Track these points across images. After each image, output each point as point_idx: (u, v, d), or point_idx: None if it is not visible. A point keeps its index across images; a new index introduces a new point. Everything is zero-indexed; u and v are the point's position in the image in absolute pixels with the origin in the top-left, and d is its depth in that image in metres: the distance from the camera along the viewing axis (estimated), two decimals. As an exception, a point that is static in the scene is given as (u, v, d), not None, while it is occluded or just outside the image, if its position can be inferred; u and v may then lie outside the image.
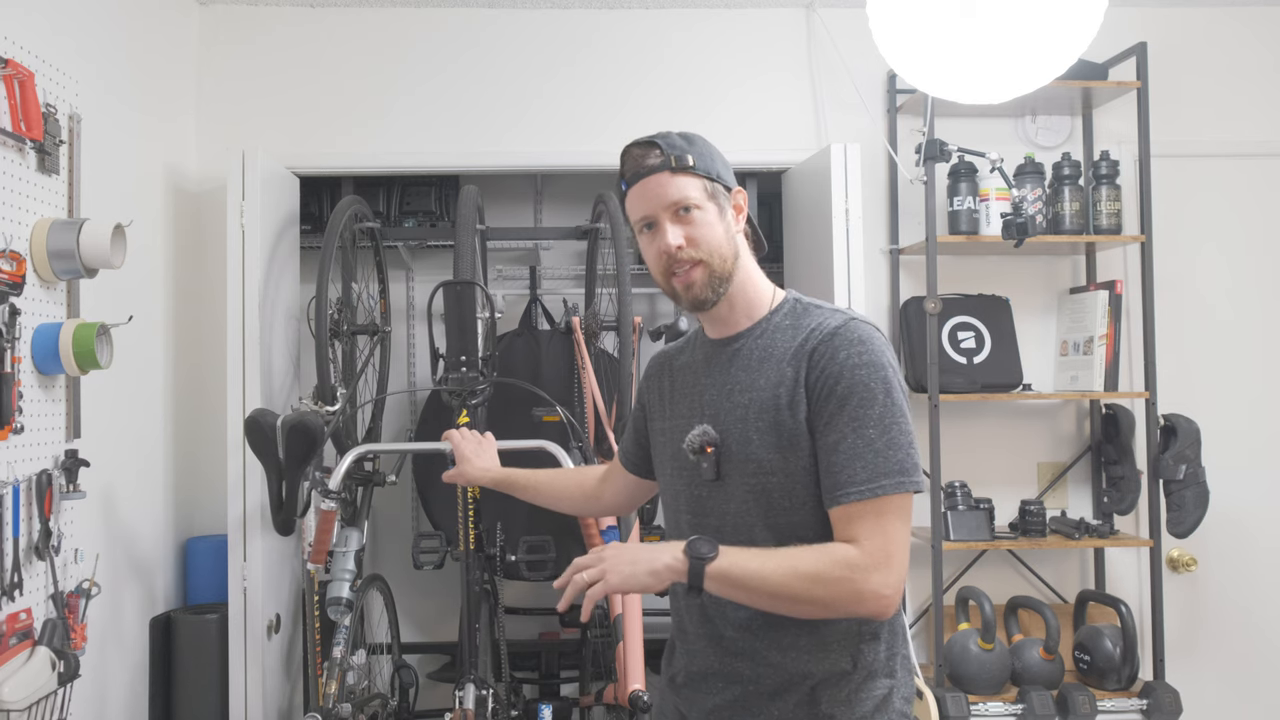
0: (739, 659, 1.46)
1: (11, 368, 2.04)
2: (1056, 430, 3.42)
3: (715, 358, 1.53)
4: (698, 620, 1.52)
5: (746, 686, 1.46)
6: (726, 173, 1.50)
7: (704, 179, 1.46)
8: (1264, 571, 3.40)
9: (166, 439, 2.96)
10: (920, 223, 3.19)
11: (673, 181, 1.44)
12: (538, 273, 3.53)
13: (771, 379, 1.43)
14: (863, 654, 1.42)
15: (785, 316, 1.49)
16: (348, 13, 3.28)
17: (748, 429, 1.43)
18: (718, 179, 1.48)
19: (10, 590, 2.04)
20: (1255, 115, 3.43)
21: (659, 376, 1.66)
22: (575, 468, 1.99)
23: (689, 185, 1.45)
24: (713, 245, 1.45)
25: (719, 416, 1.48)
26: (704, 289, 1.46)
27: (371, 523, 3.23)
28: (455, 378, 2.57)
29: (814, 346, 1.41)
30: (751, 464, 1.43)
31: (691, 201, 1.45)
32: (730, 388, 1.48)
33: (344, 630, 2.59)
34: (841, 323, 1.42)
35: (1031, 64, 2.03)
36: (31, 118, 2.14)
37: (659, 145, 1.46)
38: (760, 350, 1.47)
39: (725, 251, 1.46)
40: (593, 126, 3.32)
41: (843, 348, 1.39)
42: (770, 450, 1.41)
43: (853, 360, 1.38)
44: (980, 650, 2.97)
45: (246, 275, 2.84)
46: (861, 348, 1.39)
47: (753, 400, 1.44)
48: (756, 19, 3.36)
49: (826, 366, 1.38)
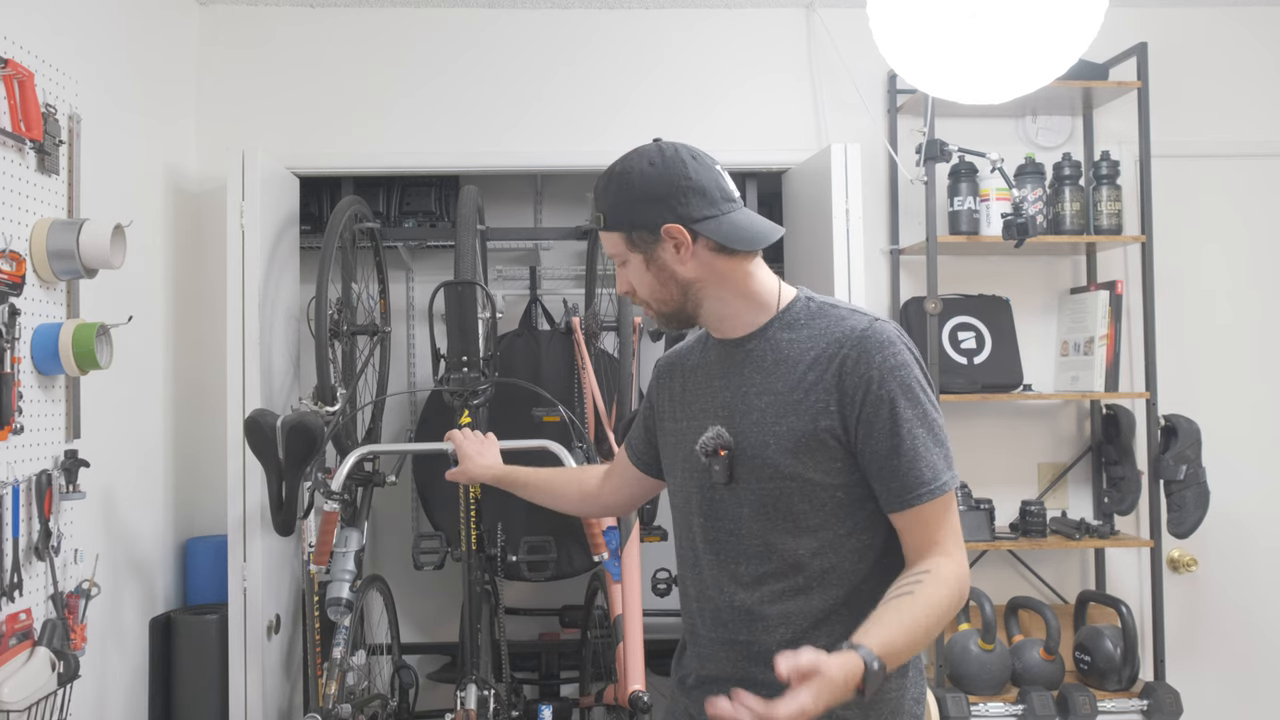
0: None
1: (11, 368, 2.04)
2: (1057, 430, 3.42)
3: (728, 359, 1.51)
4: (710, 624, 1.51)
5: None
6: (651, 212, 1.43)
7: (620, 234, 1.46)
8: (1264, 571, 3.39)
9: (166, 439, 2.96)
10: (920, 223, 3.19)
11: (604, 237, 1.49)
12: (538, 273, 3.53)
13: (789, 382, 1.42)
14: None
15: (798, 315, 1.47)
16: (348, 13, 3.28)
17: (764, 433, 1.42)
18: (636, 227, 1.44)
19: (10, 591, 2.04)
20: (1256, 115, 3.43)
21: (669, 377, 1.64)
22: (578, 467, 1.98)
23: (611, 241, 1.48)
24: (648, 292, 1.49)
25: (733, 419, 1.46)
26: (664, 323, 1.52)
27: (371, 523, 3.23)
28: (457, 378, 2.57)
29: (844, 353, 1.40)
30: (767, 468, 1.42)
31: (617, 257, 1.49)
32: (745, 390, 1.46)
33: (344, 631, 2.59)
34: (866, 325, 1.41)
35: (1032, 64, 2.03)
36: (31, 118, 2.14)
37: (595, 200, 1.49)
38: (774, 352, 1.45)
39: (662, 295, 1.48)
40: (593, 126, 3.31)
41: (875, 351, 1.39)
42: (786, 455, 1.41)
43: (889, 363, 1.38)
44: (981, 651, 2.97)
45: (246, 275, 2.84)
46: (892, 349, 1.39)
47: (769, 404, 1.43)
48: (756, 19, 3.36)
49: (865, 372, 1.38)
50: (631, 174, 1.44)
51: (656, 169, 1.43)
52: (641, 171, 1.44)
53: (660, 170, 1.43)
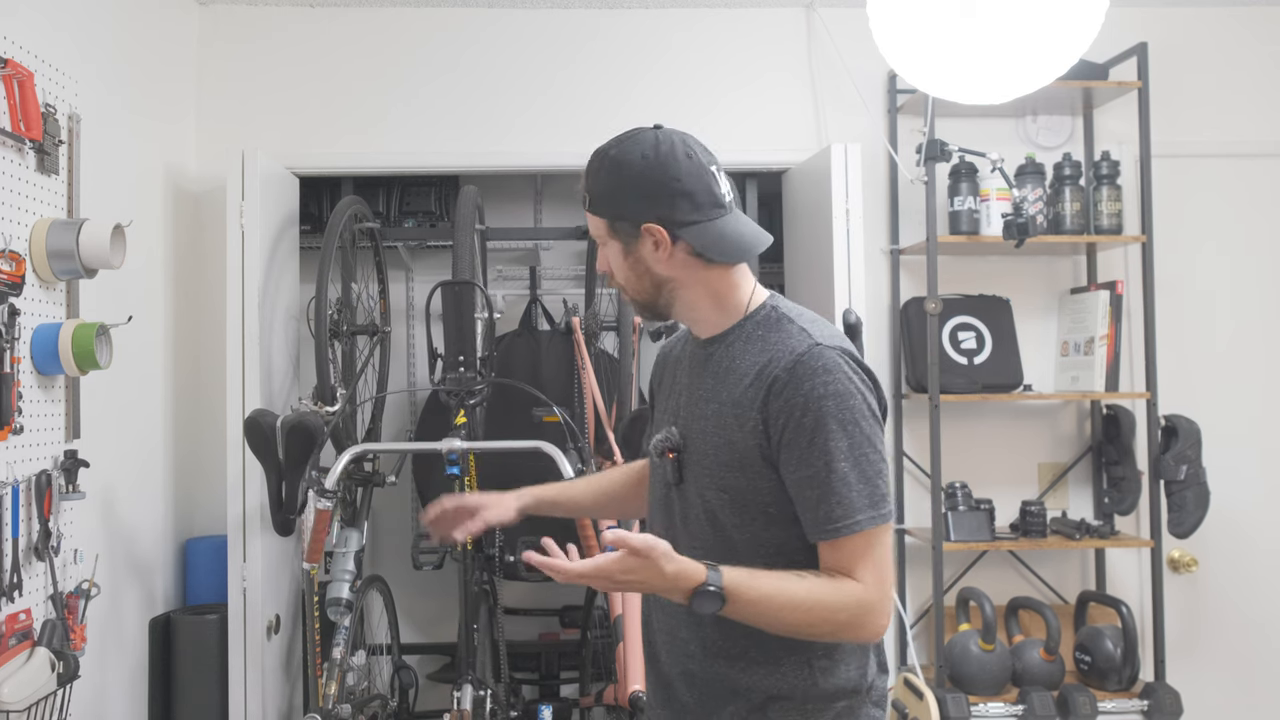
0: (692, 660, 1.45)
1: (11, 368, 2.04)
2: (1057, 431, 3.41)
3: (695, 358, 1.50)
4: (661, 614, 1.52)
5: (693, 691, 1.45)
6: (636, 206, 1.41)
7: (604, 219, 1.45)
8: (1264, 572, 3.39)
9: (166, 439, 2.96)
10: (920, 223, 3.19)
11: (588, 214, 1.48)
12: (538, 273, 3.53)
13: (733, 394, 1.40)
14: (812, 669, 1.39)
15: (758, 326, 1.43)
16: (348, 13, 3.28)
17: (706, 442, 1.42)
18: (620, 217, 1.43)
19: (10, 591, 2.04)
20: (1256, 115, 3.43)
21: (661, 369, 1.65)
22: (600, 473, 1.90)
23: (593, 222, 1.47)
24: (623, 279, 1.48)
25: (686, 422, 1.46)
26: (637, 310, 1.52)
27: (371, 523, 3.23)
28: (453, 378, 2.57)
29: (775, 374, 1.35)
30: (706, 476, 1.42)
31: (598, 238, 1.48)
32: (699, 395, 1.45)
33: (344, 631, 2.59)
34: (805, 349, 1.36)
35: (1032, 64, 2.03)
36: (31, 118, 2.14)
37: (585, 175, 1.48)
38: (728, 360, 1.43)
39: (637, 285, 1.46)
40: (593, 126, 3.29)
41: (806, 378, 1.33)
42: (723, 466, 1.40)
43: (817, 391, 1.32)
44: (981, 651, 2.97)
45: (246, 275, 2.84)
46: (827, 377, 1.33)
47: (714, 413, 1.42)
48: (756, 19, 3.36)
49: (791, 397, 1.33)
50: (623, 163, 1.42)
51: (649, 163, 1.39)
52: (633, 163, 1.40)
53: (652, 165, 1.39)
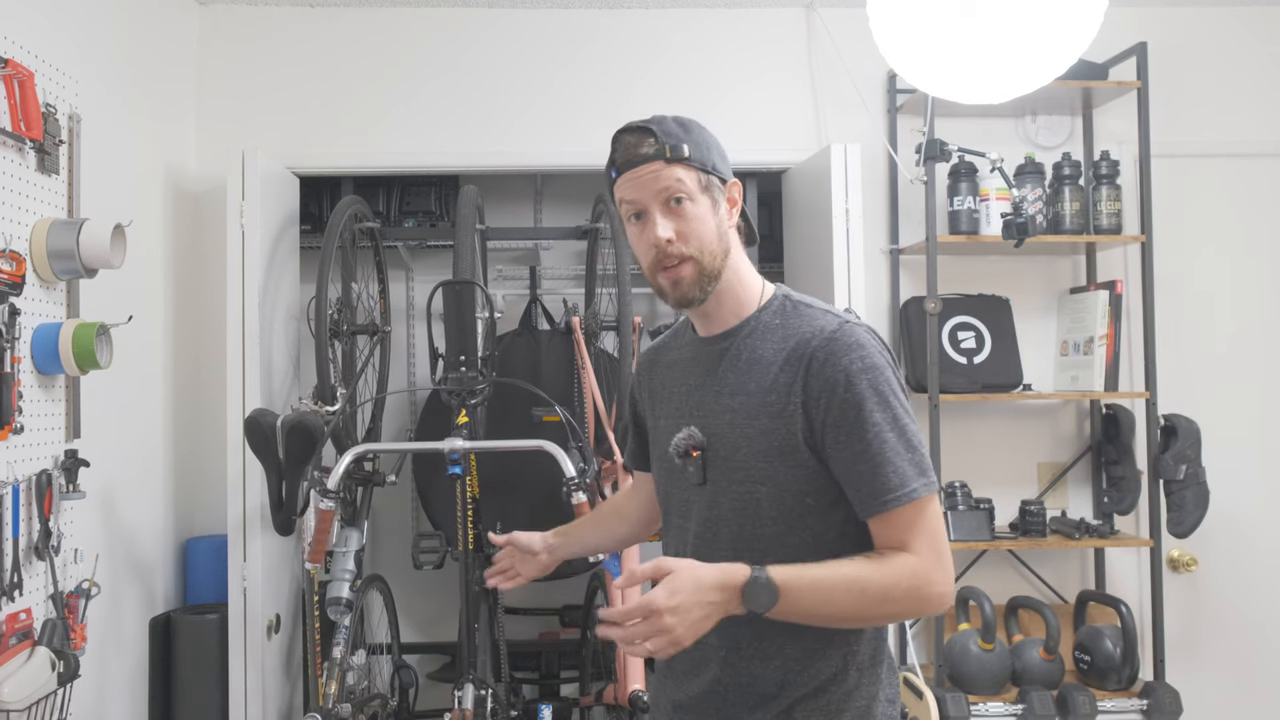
0: (723, 668, 1.43)
1: (11, 368, 2.04)
2: (1057, 430, 3.42)
3: (702, 356, 1.47)
4: None
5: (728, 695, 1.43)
6: (723, 163, 1.43)
7: (698, 171, 1.38)
8: (1264, 571, 3.39)
9: (166, 439, 2.96)
10: (920, 223, 3.19)
11: (666, 171, 1.36)
12: (538, 273, 3.53)
13: (762, 383, 1.38)
14: (846, 664, 1.39)
15: (774, 315, 1.43)
16: (348, 13, 3.28)
17: (737, 435, 1.39)
18: (713, 171, 1.40)
19: (10, 590, 2.04)
20: (1256, 115, 3.43)
21: (648, 373, 1.61)
22: (613, 497, 1.91)
23: (683, 177, 1.37)
24: (703, 241, 1.38)
25: (707, 419, 1.43)
26: (692, 287, 1.39)
27: (371, 523, 3.23)
28: (454, 377, 2.57)
29: (811, 353, 1.35)
30: (740, 471, 1.39)
31: (684, 194, 1.37)
32: (718, 389, 1.42)
33: (344, 630, 2.59)
34: (836, 327, 1.36)
35: (1031, 64, 2.03)
36: (31, 118, 2.14)
37: (654, 133, 1.38)
38: (749, 351, 1.41)
39: (715, 248, 1.39)
40: (593, 126, 3.31)
41: (843, 353, 1.33)
42: (759, 458, 1.37)
43: (855, 365, 1.32)
44: (980, 650, 2.97)
45: (246, 275, 2.84)
46: (862, 352, 1.33)
47: (742, 405, 1.39)
48: (756, 19, 3.36)
49: (831, 375, 1.33)
50: (703, 125, 1.44)
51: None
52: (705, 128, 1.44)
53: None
